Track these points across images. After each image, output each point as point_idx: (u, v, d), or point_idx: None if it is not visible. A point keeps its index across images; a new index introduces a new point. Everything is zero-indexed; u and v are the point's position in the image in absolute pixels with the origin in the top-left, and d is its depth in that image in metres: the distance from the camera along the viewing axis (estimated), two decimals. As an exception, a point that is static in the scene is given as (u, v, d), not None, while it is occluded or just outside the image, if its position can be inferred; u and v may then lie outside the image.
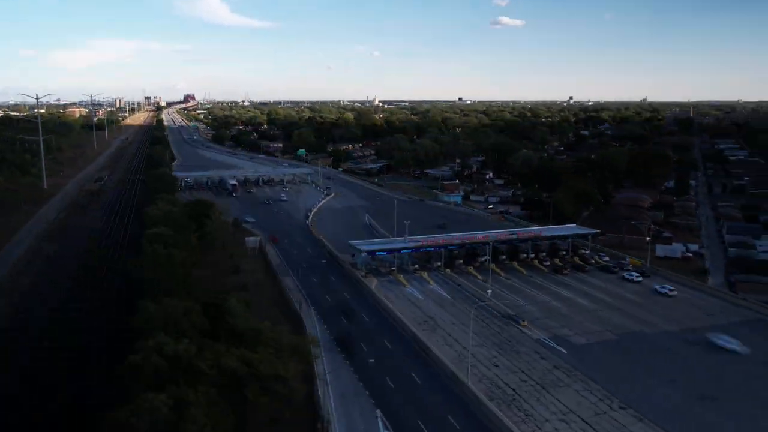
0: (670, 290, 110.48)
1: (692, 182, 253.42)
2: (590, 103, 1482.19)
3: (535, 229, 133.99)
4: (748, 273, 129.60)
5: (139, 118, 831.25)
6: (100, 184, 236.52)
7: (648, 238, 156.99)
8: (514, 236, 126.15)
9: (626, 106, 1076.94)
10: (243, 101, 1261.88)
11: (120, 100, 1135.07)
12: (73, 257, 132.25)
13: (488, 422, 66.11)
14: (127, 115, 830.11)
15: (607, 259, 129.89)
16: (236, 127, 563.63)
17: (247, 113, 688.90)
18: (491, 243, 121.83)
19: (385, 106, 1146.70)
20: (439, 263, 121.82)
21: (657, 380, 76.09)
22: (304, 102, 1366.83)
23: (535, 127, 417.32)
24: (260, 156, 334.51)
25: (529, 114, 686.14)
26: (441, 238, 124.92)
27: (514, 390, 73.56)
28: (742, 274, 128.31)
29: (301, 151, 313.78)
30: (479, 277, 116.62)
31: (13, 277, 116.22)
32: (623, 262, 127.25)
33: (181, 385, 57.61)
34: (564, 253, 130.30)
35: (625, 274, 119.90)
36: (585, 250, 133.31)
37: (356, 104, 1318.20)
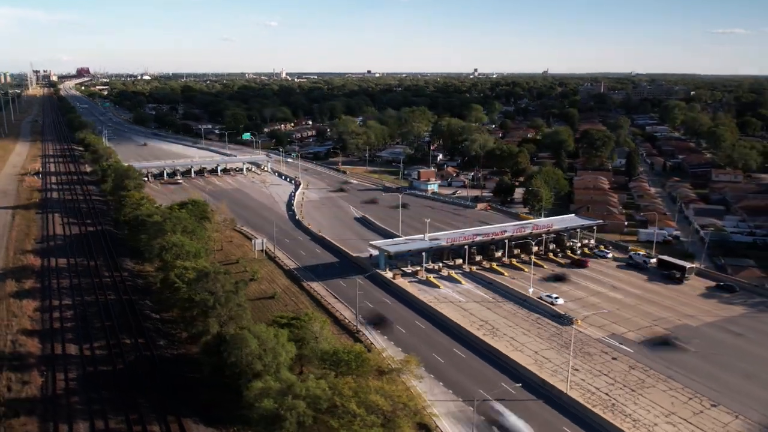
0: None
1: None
2: (495, 76, 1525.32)
3: (545, 222, 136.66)
4: (728, 256, 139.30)
5: (33, 94, 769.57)
6: (38, 177, 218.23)
7: (626, 223, 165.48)
8: (529, 230, 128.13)
9: (533, 78, 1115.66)
10: (143, 75, 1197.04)
11: (5, 75, 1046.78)
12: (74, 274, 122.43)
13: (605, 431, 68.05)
14: (20, 91, 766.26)
15: (610, 248, 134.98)
16: (149, 105, 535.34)
17: (158, 89, 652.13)
18: (507, 238, 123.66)
19: (296, 79, 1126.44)
20: (459, 260, 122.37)
21: (730, 374, 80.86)
22: (207, 74, 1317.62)
23: (469, 105, 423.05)
24: (201, 141, 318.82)
25: (451, 89, 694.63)
26: (462, 234, 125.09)
27: (607, 394, 75.94)
28: (727, 258, 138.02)
29: (246, 135, 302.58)
30: (506, 273, 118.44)
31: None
32: (628, 250, 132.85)
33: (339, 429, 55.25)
34: (571, 244, 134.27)
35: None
36: (587, 239, 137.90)
37: (262, 76, 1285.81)
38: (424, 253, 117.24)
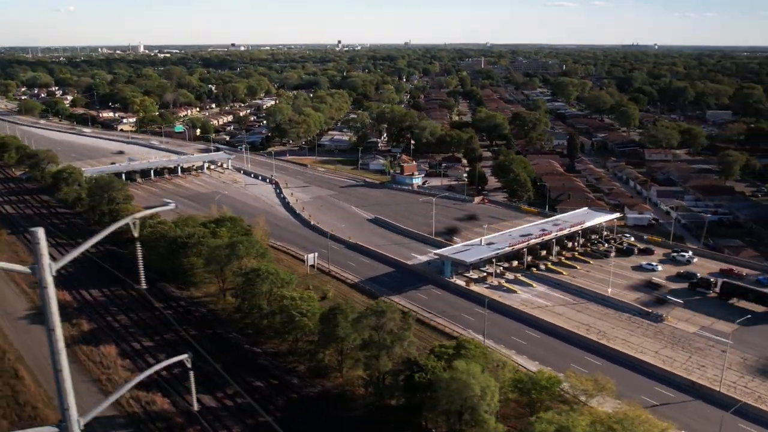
0: None
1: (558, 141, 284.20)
2: (359, 48, 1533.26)
3: (576, 218, 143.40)
4: (710, 236, 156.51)
5: None
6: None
7: (607, 208, 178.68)
8: (568, 228, 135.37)
9: (400, 51, 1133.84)
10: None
11: None
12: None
13: (777, 425, 77.02)
14: None
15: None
16: (20, 89, 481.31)
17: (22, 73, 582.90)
18: (555, 238, 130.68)
19: (158, 54, 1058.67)
20: (514, 261, 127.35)
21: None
22: (56, 48, 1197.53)
23: (379, 87, 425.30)
24: (126, 134, 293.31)
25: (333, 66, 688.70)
26: (510, 236, 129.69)
27: (745, 386, 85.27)
28: (716, 238, 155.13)
29: (179, 128, 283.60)
30: (564, 272, 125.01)
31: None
32: (645, 240, 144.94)
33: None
34: (597, 238, 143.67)
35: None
36: (604, 232, 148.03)
37: (118, 51, 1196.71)
38: (494, 260, 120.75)
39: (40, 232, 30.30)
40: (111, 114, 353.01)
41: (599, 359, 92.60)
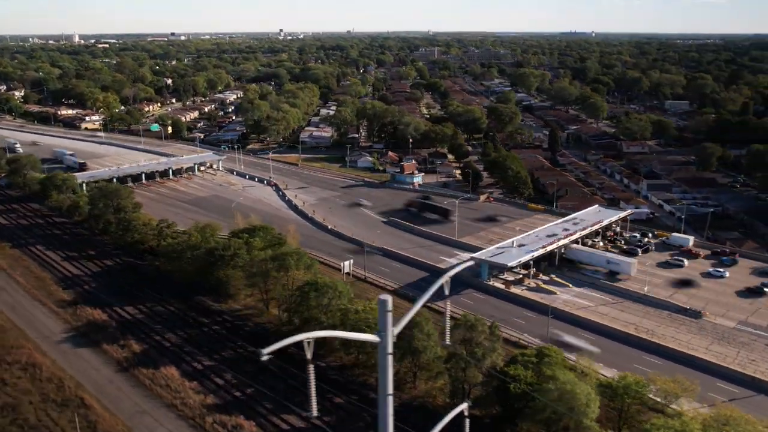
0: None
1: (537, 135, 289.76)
2: (302, 36, 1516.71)
3: (591, 214, 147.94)
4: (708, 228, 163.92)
5: None
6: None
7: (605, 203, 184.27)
8: (588, 228, 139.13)
9: (345, 39, 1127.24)
10: None
11: None
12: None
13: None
14: None
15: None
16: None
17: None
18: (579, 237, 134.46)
19: (97, 44, 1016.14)
20: (546, 263, 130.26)
21: None
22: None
23: (340, 79, 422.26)
24: (99, 134, 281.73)
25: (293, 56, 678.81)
26: (546, 237, 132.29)
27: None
28: (717, 231, 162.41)
29: (155, 126, 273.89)
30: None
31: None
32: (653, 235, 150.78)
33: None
34: (613, 235, 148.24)
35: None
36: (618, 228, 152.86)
37: (51, 41, 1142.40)
38: (531, 262, 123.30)
39: (389, 302, 30.31)
40: (70, 111, 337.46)
41: (658, 359, 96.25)
